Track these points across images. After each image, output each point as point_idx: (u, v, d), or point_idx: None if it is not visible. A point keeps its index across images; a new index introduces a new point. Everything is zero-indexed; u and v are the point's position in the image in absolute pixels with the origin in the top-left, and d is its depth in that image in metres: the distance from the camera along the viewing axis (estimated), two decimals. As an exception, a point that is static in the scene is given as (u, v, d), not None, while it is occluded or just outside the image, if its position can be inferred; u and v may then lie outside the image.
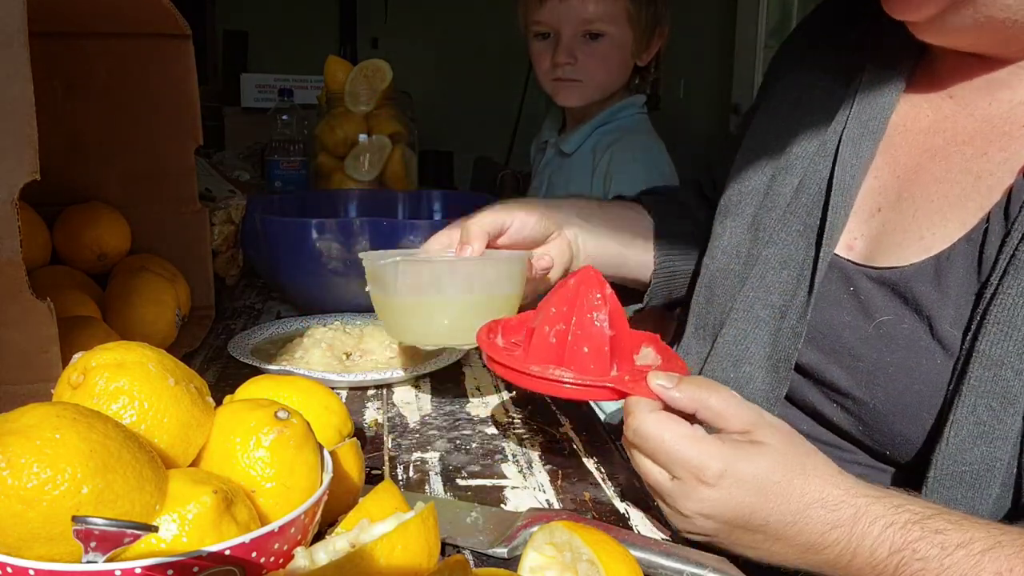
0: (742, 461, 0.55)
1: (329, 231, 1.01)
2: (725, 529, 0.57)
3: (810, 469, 0.56)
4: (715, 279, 0.82)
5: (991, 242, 0.62)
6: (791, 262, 0.74)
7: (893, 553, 0.53)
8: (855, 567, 0.54)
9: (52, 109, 0.75)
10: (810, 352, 0.72)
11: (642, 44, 1.53)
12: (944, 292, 0.63)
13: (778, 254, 0.75)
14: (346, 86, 1.59)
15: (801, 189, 0.76)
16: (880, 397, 0.66)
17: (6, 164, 0.56)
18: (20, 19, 0.55)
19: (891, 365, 0.65)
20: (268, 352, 0.92)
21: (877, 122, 0.73)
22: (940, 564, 0.51)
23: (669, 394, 0.58)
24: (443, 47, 4.85)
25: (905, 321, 0.65)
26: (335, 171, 1.60)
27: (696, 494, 0.56)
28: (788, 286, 0.74)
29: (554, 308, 0.64)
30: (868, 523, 0.54)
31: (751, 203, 0.81)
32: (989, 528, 0.53)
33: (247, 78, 2.48)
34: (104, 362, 0.47)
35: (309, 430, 0.50)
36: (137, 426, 0.45)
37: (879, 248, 0.70)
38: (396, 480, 0.67)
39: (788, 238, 0.75)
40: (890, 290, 0.67)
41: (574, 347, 0.62)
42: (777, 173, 0.79)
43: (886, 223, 0.71)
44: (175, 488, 0.43)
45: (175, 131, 0.96)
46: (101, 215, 0.93)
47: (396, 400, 0.85)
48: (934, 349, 0.63)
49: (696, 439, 0.56)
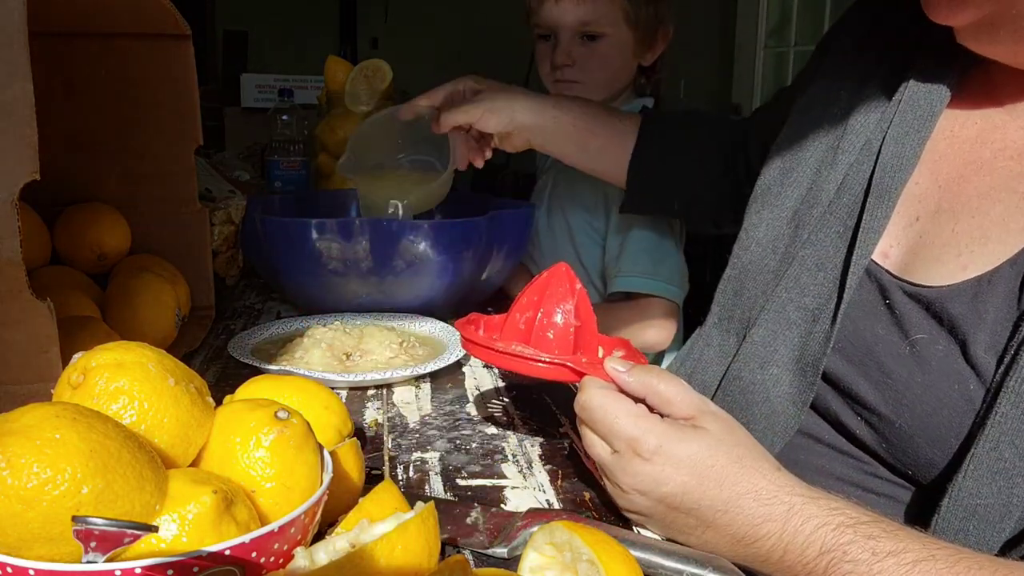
0: (678, 441, 0.57)
1: (329, 231, 1.01)
2: (660, 509, 0.58)
3: (747, 461, 0.57)
4: (747, 271, 0.80)
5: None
6: (827, 265, 0.72)
7: (823, 553, 0.53)
8: (786, 564, 0.55)
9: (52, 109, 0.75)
10: (838, 361, 0.70)
11: (644, 44, 1.53)
12: (982, 316, 0.61)
13: (815, 255, 0.74)
14: (346, 86, 1.59)
15: (843, 188, 0.74)
16: (907, 417, 0.64)
17: (6, 164, 0.56)
18: (20, 19, 0.55)
19: (921, 386, 0.64)
20: (268, 352, 0.92)
21: (922, 124, 0.70)
22: (869, 568, 0.51)
23: (621, 377, 0.61)
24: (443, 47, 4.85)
25: (940, 342, 0.63)
26: (335, 171, 1.60)
27: (631, 467, 0.58)
28: (823, 289, 0.72)
29: (525, 298, 0.70)
30: (801, 521, 0.54)
31: (793, 195, 0.78)
32: (924, 541, 0.53)
33: (247, 78, 2.48)
34: (104, 362, 0.47)
35: (309, 430, 0.50)
36: (137, 426, 0.45)
37: (915, 260, 0.68)
38: (396, 480, 0.67)
39: (827, 239, 0.73)
40: (925, 308, 0.65)
41: (540, 332, 0.68)
42: (822, 167, 0.76)
43: (924, 234, 0.69)
44: (175, 488, 0.43)
45: (175, 131, 0.96)
46: (101, 215, 0.93)
47: (396, 400, 0.85)
48: (967, 374, 0.61)
49: (637, 415, 0.59)
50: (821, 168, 0.76)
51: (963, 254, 0.65)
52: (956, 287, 0.63)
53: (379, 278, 1.03)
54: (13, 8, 0.55)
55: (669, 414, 0.60)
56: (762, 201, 0.81)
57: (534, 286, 0.70)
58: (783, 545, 0.54)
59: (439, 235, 1.01)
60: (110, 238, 0.93)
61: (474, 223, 1.05)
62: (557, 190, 1.63)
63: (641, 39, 1.52)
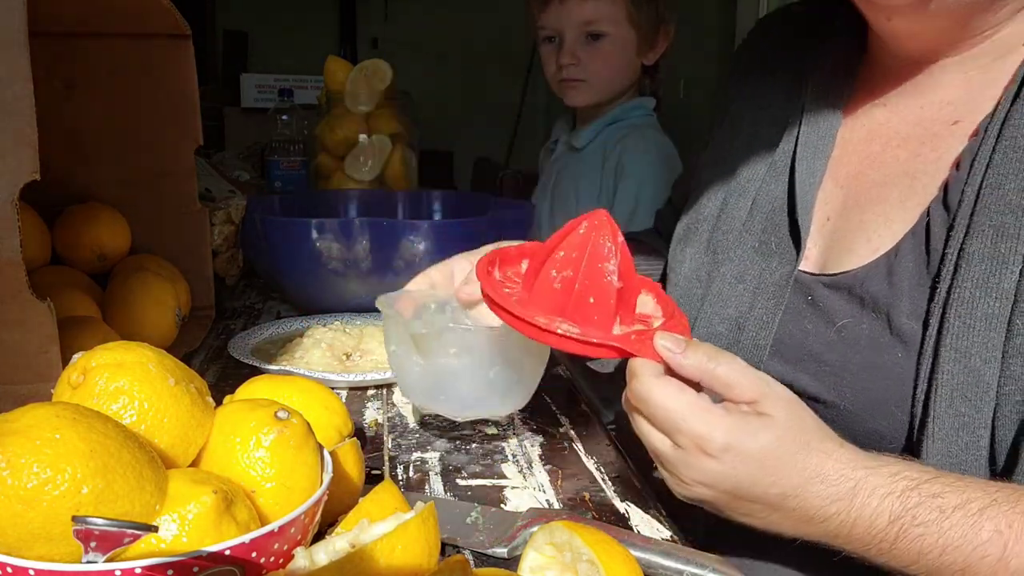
0: (747, 435, 0.56)
1: (329, 231, 1.01)
2: (724, 498, 0.58)
3: (814, 444, 0.57)
4: (679, 304, 0.82)
5: (935, 235, 0.65)
6: (746, 277, 0.77)
7: (893, 521, 0.54)
8: (855, 536, 0.56)
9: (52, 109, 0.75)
10: (776, 364, 0.72)
11: (647, 43, 1.55)
12: (897, 287, 0.65)
13: (733, 270, 0.78)
14: (346, 86, 1.59)
15: (755, 209, 0.79)
16: (848, 398, 0.67)
17: (6, 164, 0.56)
18: (20, 19, 0.55)
19: (855, 365, 0.67)
20: (268, 352, 0.92)
21: (825, 140, 0.76)
22: (939, 527, 0.53)
23: (676, 359, 0.58)
24: (443, 47, 4.85)
25: (864, 321, 0.67)
26: (335, 171, 1.60)
27: (698, 464, 0.56)
28: (743, 299, 0.76)
29: (563, 252, 0.61)
30: (867, 495, 0.55)
31: (706, 228, 0.83)
32: (986, 487, 0.54)
33: (247, 78, 2.48)
34: (104, 362, 0.47)
35: (309, 430, 0.50)
36: (137, 426, 0.45)
37: (832, 255, 0.72)
38: (396, 480, 0.67)
39: (744, 255, 0.78)
40: (846, 293, 0.69)
41: (580, 297, 0.60)
42: (729, 196, 0.82)
43: (836, 230, 0.73)
44: (175, 488, 0.43)
45: (175, 131, 0.96)
46: (101, 215, 0.93)
47: (396, 400, 0.85)
48: (895, 344, 0.65)
49: (702, 409, 0.56)
50: (728, 197, 0.82)
51: (872, 239, 0.70)
52: (868, 267, 0.68)
53: (379, 278, 1.03)
54: (13, 8, 0.55)
55: (730, 398, 0.58)
56: (684, 240, 0.86)
57: (573, 240, 0.61)
58: (851, 520, 0.55)
59: (439, 235, 1.01)
60: (110, 238, 0.93)
61: (474, 223, 1.05)
62: (559, 187, 1.63)
63: (643, 38, 1.54)
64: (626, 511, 0.64)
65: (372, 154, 1.58)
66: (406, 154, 1.63)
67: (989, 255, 0.60)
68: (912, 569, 0.55)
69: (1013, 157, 0.62)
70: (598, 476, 0.69)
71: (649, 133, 1.57)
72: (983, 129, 0.65)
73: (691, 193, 0.89)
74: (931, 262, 0.64)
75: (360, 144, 1.59)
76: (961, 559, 0.53)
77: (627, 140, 1.53)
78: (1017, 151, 0.62)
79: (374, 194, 1.45)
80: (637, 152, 1.52)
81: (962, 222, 0.62)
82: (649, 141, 1.55)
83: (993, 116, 0.64)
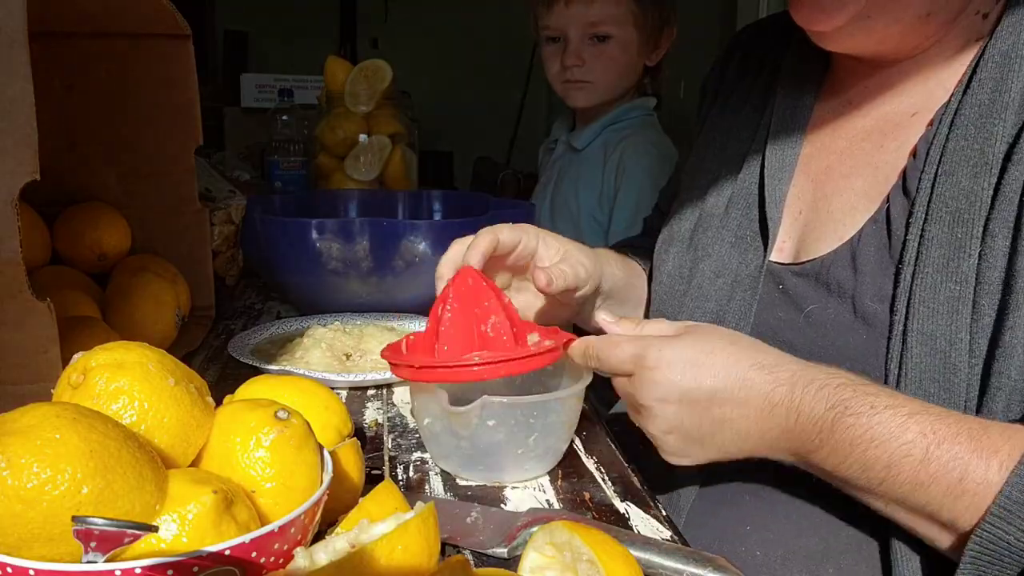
0: (675, 343, 0.64)
1: (329, 231, 1.01)
2: (685, 413, 0.63)
3: (741, 341, 0.65)
4: (663, 302, 0.87)
5: (896, 220, 0.68)
6: (725, 271, 0.80)
7: (829, 409, 0.59)
8: (800, 426, 0.60)
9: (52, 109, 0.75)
10: None
11: (650, 45, 1.56)
12: (862, 272, 0.69)
13: (712, 266, 0.82)
14: (346, 86, 1.59)
15: (731, 206, 0.83)
16: None
17: (6, 164, 0.56)
18: (20, 19, 0.55)
19: (823, 349, 0.69)
20: (268, 352, 0.92)
21: (795, 140, 0.80)
22: (869, 420, 0.57)
23: (611, 327, 0.69)
24: (443, 47, 4.85)
25: (830, 306, 0.70)
26: (335, 171, 1.60)
27: (646, 379, 0.63)
28: (723, 293, 0.80)
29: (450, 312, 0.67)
30: (805, 384, 0.60)
31: (688, 228, 0.87)
32: (921, 402, 0.59)
33: (247, 78, 2.48)
34: (104, 362, 0.47)
35: (309, 430, 0.50)
36: (137, 426, 0.45)
37: (804, 245, 0.76)
38: (396, 480, 0.67)
39: (721, 250, 0.81)
40: (813, 280, 0.73)
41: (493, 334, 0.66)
42: (708, 197, 0.86)
43: (807, 222, 0.77)
44: (175, 488, 0.43)
45: (175, 131, 0.96)
46: (101, 215, 0.93)
47: (396, 400, 0.85)
48: (859, 326, 0.68)
49: (633, 338, 0.66)
50: (708, 197, 0.86)
51: (838, 228, 0.73)
52: (833, 253, 0.72)
53: (379, 278, 1.03)
54: (13, 8, 0.55)
55: None
56: (668, 242, 0.90)
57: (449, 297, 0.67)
58: (796, 407, 0.60)
59: (439, 235, 1.01)
60: (110, 238, 0.93)
61: (474, 223, 1.05)
62: (560, 187, 1.63)
63: (647, 40, 1.54)
64: (626, 511, 0.64)
65: (372, 154, 1.58)
66: (406, 154, 1.63)
67: (947, 240, 0.63)
68: (846, 466, 0.59)
69: (964, 145, 0.65)
70: (598, 476, 0.69)
71: (650, 134, 1.57)
72: (938, 118, 0.68)
73: (678, 200, 0.92)
74: (893, 247, 0.67)
75: (360, 144, 1.59)
76: (886, 455, 0.57)
77: (627, 142, 1.53)
78: (968, 139, 0.65)
79: (374, 194, 1.45)
80: (637, 155, 1.52)
81: (921, 208, 0.65)
82: (650, 143, 1.55)
83: (947, 106, 0.68)
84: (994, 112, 0.64)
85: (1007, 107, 0.63)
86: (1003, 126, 0.63)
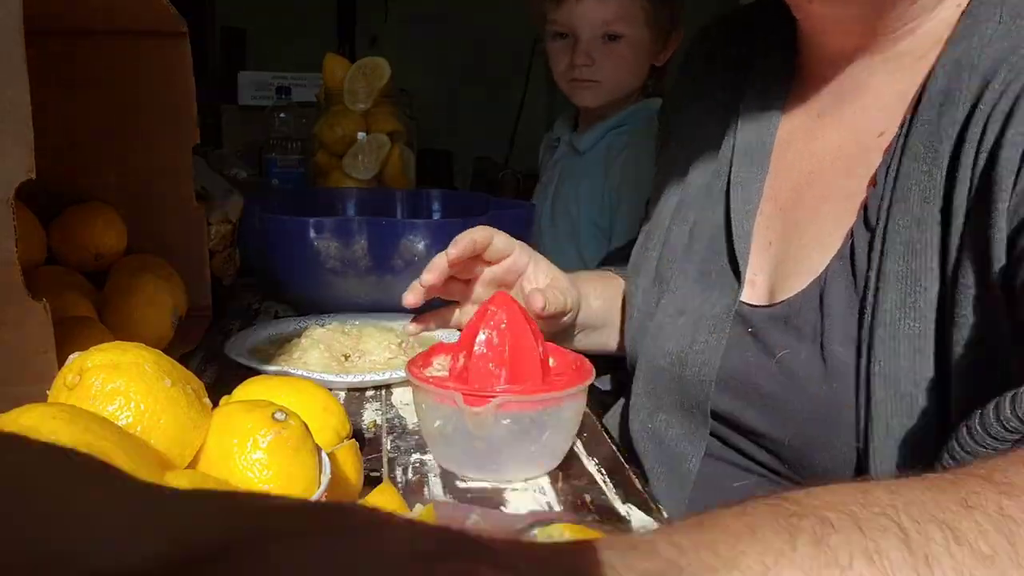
0: None
1: (327, 230, 1.00)
2: None
3: None
4: (631, 337, 0.84)
5: (859, 256, 0.63)
6: (687, 309, 0.75)
7: None
8: None
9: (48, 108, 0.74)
10: (724, 398, 0.72)
11: (659, 44, 1.53)
12: (829, 314, 0.64)
13: (673, 302, 0.77)
14: (344, 84, 1.58)
15: (693, 235, 0.77)
16: (791, 434, 0.66)
17: (2, 164, 0.56)
18: (16, 18, 0.55)
19: (794, 398, 0.65)
20: (266, 352, 0.91)
21: (760, 163, 0.74)
22: None
23: None
24: (442, 45, 4.84)
25: (801, 352, 0.65)
26: (334, 169, 1.60)
27: None
28: (685, 333, 0.74)
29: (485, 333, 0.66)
30: None
31: (653, 257, 0.82)
32: None
33: (245, 76, 2.47)
34: (100, 363, 0.46)
35: (307, 431, 0.50)
36: (133, 427, 0.45)
37: (777, 282, 0.71)
38: (395, 482, 0.67)
39: (684, 285, 0.77)
40: (782, 323, 0.68)
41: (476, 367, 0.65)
42: (673, 224, 0.81)
43: (778, 255, 0.72)
44: (172, 491, 0.42)
45: (172, 129, 0.95)
46: (97, 215, 0.93)
47: (395, 401, 0.85)
48: (829, 375, 0.63)
49: None
50: (672, 224, 0.81)
51: (809, 264, 0.67)
52: (801, 295, 0.67)
53: (377, 277, 1.02)
54: (9, 7, 0.54)
55: None
56: (635, 270, 0.86)
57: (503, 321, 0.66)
58: None
59: (438, 234, 1.01)
60: (106, 238, 0.92)
61: (473, 222, 1.04)
62: (562, 188, 1.62)
63: (656, 39, 1.52)
64: (627, 513, 0.64)
65: (370, 152, 1.57)
66: (404, 153, 1.62)
67: (903, 274, 0.59)
68: None
69: (914, 168, 0.60)
70: (599, 478, 0.69)
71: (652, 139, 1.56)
72: (895, 141, 0.63)
73: (644, 220, 0.89)
74: (858, 285, 0.63)
75: (358, 142, 1.58)
76: None
77: (631, 149, 1.51)
78: (917, 161, 0.60)
79: (372, 193, 1.44)
80: (641, 163, 1.50)
81: (879, 241, 0.61)
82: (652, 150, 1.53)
83: (900, 129, 0.63)
84: (941, 129, 0.59)
85: (955, 123, 0.58)
86: (949, 143, 0.58)
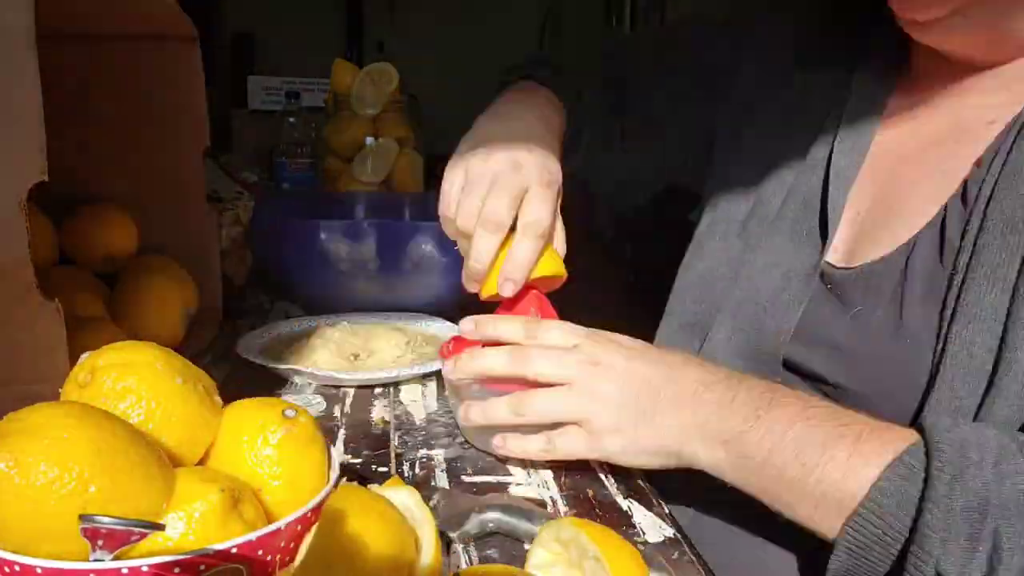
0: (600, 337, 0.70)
1: (337, 232, 1.01)
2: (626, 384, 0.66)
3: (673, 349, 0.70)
4: (704, 280, 0.85)
5: (951, 228, 0.65)
6: (779, 264, 0.78)
7: (767, 391, 0.63)
8: (738, 402, 0.63)
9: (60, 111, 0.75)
10: (797, 349, 0.74)
11: None
12: (911, 277, 0.67)
13: (765, 258, 0.79)
14: (352, 89, 1.59)
15: (789, 200, 0.80)
16: (857, 382, 0.69)
17: (14, 166, 0.57)
18: (28, 21, 0.55)
19: (865, 352, 0.68)
20: (276, 352, 0.92)
21: (863, 140, 0.77)
22: (807, 401, 0.62)
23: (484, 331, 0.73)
24: (449, 50, 4.84)
25: (878, 310, 0.68)
26: (343, 173, 1.61)
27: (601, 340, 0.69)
28: (774, 285, 0.78)
29: None
30: (740, 377, 0.65)
31: (738, 220, 0.85)
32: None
33: (254, 80, 2.48)
34: (112, 362, 0.47)
35: (316, 427, 0.50)
36: (144, 425, 0.46)
37: (859, 247, 0.74)
38: (402, 476, 0.67)
39: (776, 245, 0.79)
40: (863, 284, 0.71)
41: None
42: (763, 191, 0.83)
43: (864, 224, 0.75)
44: (182, 486, 0.43)
45: (182, 133, 0.96)
46: (109, 216, 0.93)
47: (403, 398, 0.85)
48: (905, 334, 0.66)
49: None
50: (763, 192, 0.83)
51: (895, 233, 0.71)
52: (884, 260, 0.70)
53: (386, 279, 1.03)
54: (21, 10, 0.55)
55: None
56: (708, 235, 0.87)
57: None
58: (734, 387, 0.63)
59: (445, 237, 1.01)
60: (118, 239, 0.93)
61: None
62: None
63: None
64: (629, 508, 0.64)
65: (379, 157, 1.58)
66: (412, 157, 1.63)
67: (999, 247, 0.61)
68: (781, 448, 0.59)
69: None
70: (601, 473, 0.69)
71: None
72: (1008, 128, 0.65)
73: (721, 185, 0.89)
74: (946, 255, 0.65)
75: (367, 147, 1.59)
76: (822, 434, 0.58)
77: None
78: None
79: (381, 196, 1.45)
80: None
81: (977, 216, 0.63)
82: None
83: (1021, 114, 0.65)
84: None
85: None
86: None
